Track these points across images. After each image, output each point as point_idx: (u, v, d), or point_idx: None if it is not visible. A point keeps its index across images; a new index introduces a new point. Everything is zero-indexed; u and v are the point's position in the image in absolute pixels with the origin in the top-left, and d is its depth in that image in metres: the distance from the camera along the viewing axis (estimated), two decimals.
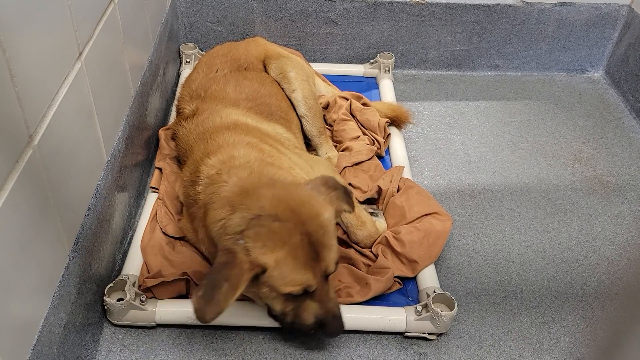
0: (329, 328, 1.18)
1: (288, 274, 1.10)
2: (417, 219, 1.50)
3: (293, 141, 1.59)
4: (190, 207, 1.34)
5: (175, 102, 1.71)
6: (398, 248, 1.43)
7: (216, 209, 1.18)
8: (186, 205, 1.38)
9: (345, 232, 1.49)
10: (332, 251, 1.15)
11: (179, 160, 1.64)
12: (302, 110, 1.71)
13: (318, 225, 1.12)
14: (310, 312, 1.18)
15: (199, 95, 1.59)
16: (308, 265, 1.11)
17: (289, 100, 1.72)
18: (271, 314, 1.24)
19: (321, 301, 1.17)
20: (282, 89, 1.73)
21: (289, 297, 1.15)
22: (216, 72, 1.65)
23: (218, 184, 1.22)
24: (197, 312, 1.04)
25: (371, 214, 1.55)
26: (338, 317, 1.18)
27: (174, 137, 1.60)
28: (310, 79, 1.81)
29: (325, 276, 1.17)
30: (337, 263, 1.18)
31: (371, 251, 1.47)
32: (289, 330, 1.28)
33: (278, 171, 1.26)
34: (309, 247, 1.11)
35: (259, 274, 1.10)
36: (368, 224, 1.48)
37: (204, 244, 1.32)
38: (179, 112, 1.65)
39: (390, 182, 1.61)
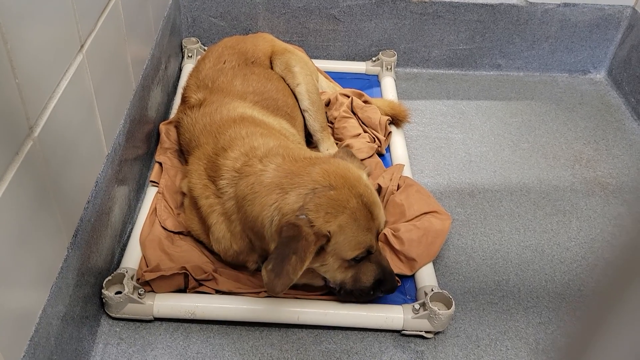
0: (387, 284, 1.27)
1: (353, 237, 1.17)
2: (417, 217, 1.50)
3: (297, 137, 1.60)
4: (206, 199, 1.34)
5: (181, 90, 1.71)
6: (397, 246, 1.43)
7: (264, 196, 1.19)
8: (196, 199, 1.37)
9: None
10: (381, 208, 1.22)
11: (181, 152, 1.64)
12: (305, 104, 1.71)
13: (365, 186, 1.20)
14: (369, 274, 1.25)
15: (206, 85, 1.59)
16: (368, 225, 1.18)
17: (294, 94, 1.72)
18: (327, 285, 1.32)
19: (377, 261, 1.25)
20: (287, 83, 1.73)
21: (351, 263, 1.22)
22: (224, 63, 1.65)
23: (255, 174, 1.23)
24: (267, 285, 1.11)
25: None
26: (392, 273, 1.28)
27: (177, 125, 1.59)
28: (314, 75, 1.82)
29: (378, 235, 1.25)
30: (385, 221, 1.27)
31: None
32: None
33: (306, 152, 1.31)
34: (364, 208, 1.18)
35: (323, 244, 1.15)
36: None
37: (222, 240, 1.32)
38: (184, 100, 1.64)
39: (390, 180, 1.61)
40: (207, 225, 1.34)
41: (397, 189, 1.60)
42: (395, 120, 1.90)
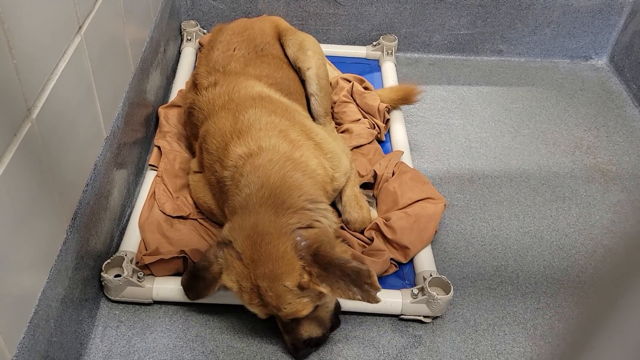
0: (291, 350, 1.25)
1: (244, 305, 1.19)
2: (409, 205, 1.49)
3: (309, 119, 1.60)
4: (213, 174, 1.35)
5: (192, 77, 1.68)
6: (389, 235, 1.42)
7: (229, 210, 1.25)
8: (205, 170, 1.40)
9: (338, 212, 1.49)
10: (282, 311, 1.14)
11: (188, 137, 1.62)
12: (313, 88, 1.69)
13: (270, 288, 1.11)
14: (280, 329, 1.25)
15: (217, 70, 1.56)
16: (254, 307, 1.16)
17: (302, 77, 1.71)
18: None
19: (284, 328, 1.22)
20: (298, 66, 1.70)
21: None
22: (234, 50, 1.63)
23: (237, 187, 1.23)
24: (183, 289, 1.26)
25: None
26: (299, 348, 1.22)
27: (191, 107, 1.55)
28: (325, 60, 1.79)
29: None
30: (297, 317, 1.16)
31: (364, 235, 1.47)
32: None
33: (298, 179, 1.23)
34: (258, 297, 1.14)
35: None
36: (364, 209, 1.48)
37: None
38: (195, 85, 1.62)
39: (387, 167, 1.60)
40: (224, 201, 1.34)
41: (392, 176, 1.59)
42: (407, 100, 1.86)
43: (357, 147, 1.72)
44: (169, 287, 1.31)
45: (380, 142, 1.79)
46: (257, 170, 1.23)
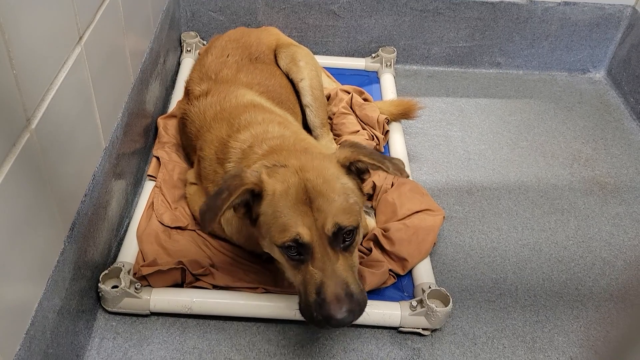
0: (323, 310, 1.04)
1: (280, 214, 1.09)
2: (408, 216, 1.49)
3: (300, 129, 1.60)
4: (212, 182, 1.35)
5: (184, 84, 1.69)
6: (387, 246, 1.42)
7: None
8: (203, 180, 1.39)
9: None
10: (331, 204, 1.07)
11: (183, 147, 1.63)
12: (307, 99, 1.70)
13: (318, 174, 1.11)
14: (311, 284, 1.08)
15: (209, 77, 1.57)
16: (299, 208, 1.08)
17: (296, 89, 1.72)
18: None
19: (323, 269, 1.06)
20: (291, 78, 1.71)
21: (291, 257, 1.11)
22: (227, 57, 1.64)
23: (250, 155, 1.24)
24: (200, 215, 1.12)
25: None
26: (336, 301, 1.04)
27: (183, 117, 1.56)
28: (319, 71, 1.80)
29: (329, 238, 1.08)
30: (344, 229, 1.08)
31: (362, 245, 1.47)
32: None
33: (312, 147, 1.27)
34: (304, 191, 1.09)
35: (255, 213, 1.14)
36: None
37: (233, 224, 1.34)
38: (187, 93, 1.63)
39: (385, 178, 1.60)
40: None
41: (391, 187, 1.59)
42: (406, 114, 1.87)
43: None
44: (167, 299, 1.30)
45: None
46: (271, 139, 1.26)
